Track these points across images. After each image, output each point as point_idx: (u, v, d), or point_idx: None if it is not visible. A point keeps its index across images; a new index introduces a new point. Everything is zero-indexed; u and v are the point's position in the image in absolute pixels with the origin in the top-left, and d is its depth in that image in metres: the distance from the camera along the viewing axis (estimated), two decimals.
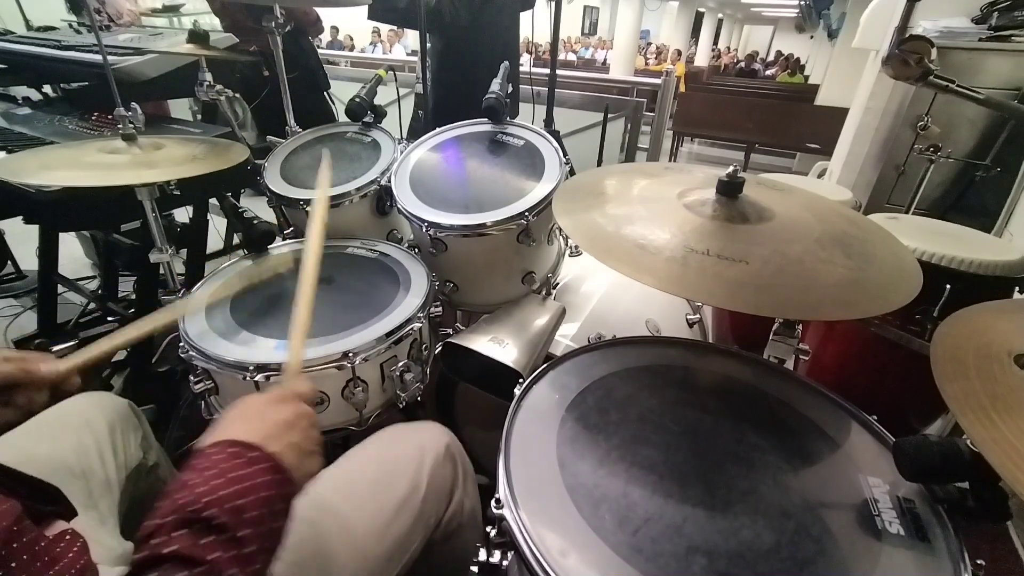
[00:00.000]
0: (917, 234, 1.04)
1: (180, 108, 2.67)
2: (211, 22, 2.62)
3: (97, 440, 0.73)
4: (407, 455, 0.75)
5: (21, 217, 1.30)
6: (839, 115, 3.26)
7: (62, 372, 0.60)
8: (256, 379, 0.80)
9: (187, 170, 1.01)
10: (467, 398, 1.09)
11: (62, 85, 1.93)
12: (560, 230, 1.19)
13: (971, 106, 1.41)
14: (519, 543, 0.50)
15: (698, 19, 15.73)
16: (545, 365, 0.75)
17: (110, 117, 1.38)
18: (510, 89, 1.31)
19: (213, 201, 1.71)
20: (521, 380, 0.71)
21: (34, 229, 1.59)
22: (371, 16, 2.02)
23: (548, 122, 1.98)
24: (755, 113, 5.46)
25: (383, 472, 0.73)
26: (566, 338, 1.07)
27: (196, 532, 0.38)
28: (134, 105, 1.25)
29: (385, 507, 0.69)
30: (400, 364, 0.91)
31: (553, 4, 1.81)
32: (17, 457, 0.64)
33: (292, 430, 0.50)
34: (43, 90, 1.93)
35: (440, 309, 1.02)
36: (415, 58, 2.81)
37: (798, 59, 11.33)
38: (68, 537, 0.51)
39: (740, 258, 0.64)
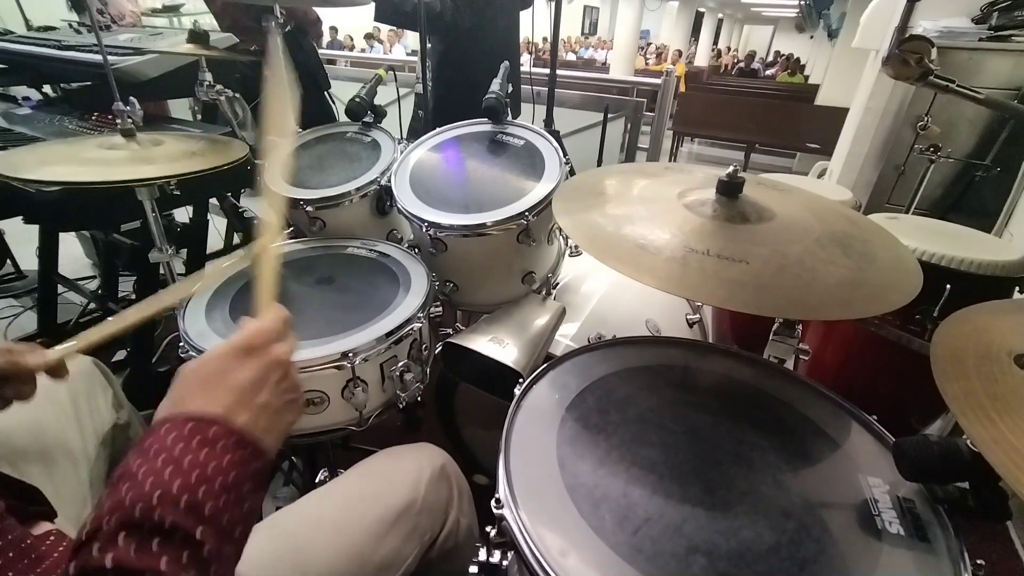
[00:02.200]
0: (917, 234, 1.04)
1: (180, 108, 2.67)
2: (211, 22, 2.62)
3: (57, 413, 0.70)
4: (404, 469, 0.76)
5: (21, 217, 1.30)
6: (839, 115, 3.26)
7: (50, 362, 0.58)
8: None
9: (186, 166, 1.01)
10: (467, 398, 1.09)
11: (62, 85, 1.93)
12: (560, 230, 1.19)
13: (971, 106, 1.41)
14: (519, 543, 0.50)
15: (698, 19, 15.74)
16: (545, 365, 0.75)
17: (110, 117, 1.39)
18: (510, 89, 1.31)
19: (213, 201, 1.71)
20: (521, 380, 0.71)
21: (34, 229, 1.59)
22: (378, 18, 2.02)
23: (548, 122, 1.98)
24: (755, 113, 5.46)
25: (380, 485, 0.73)
26: (566, 338, 1.07)
27: (143, 535, 0.33)
28: (132, 100, 1.25)
29: (382, 517, 0.69)
30: (400, 364, 0.91)
31: (553, 4, 1.81)
32: None
33: (261, 389, 0.44)
34: (43, 90, 1.93)
35: (440, 309, 1.02)
36: (415, 58, 2.81)
37: (798, 59, 11.33)
38: (53, 536, 0.51)
39: (740, 258, 0.64)
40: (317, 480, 0.92)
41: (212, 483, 0.36)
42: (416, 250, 1.16)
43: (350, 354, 0.83)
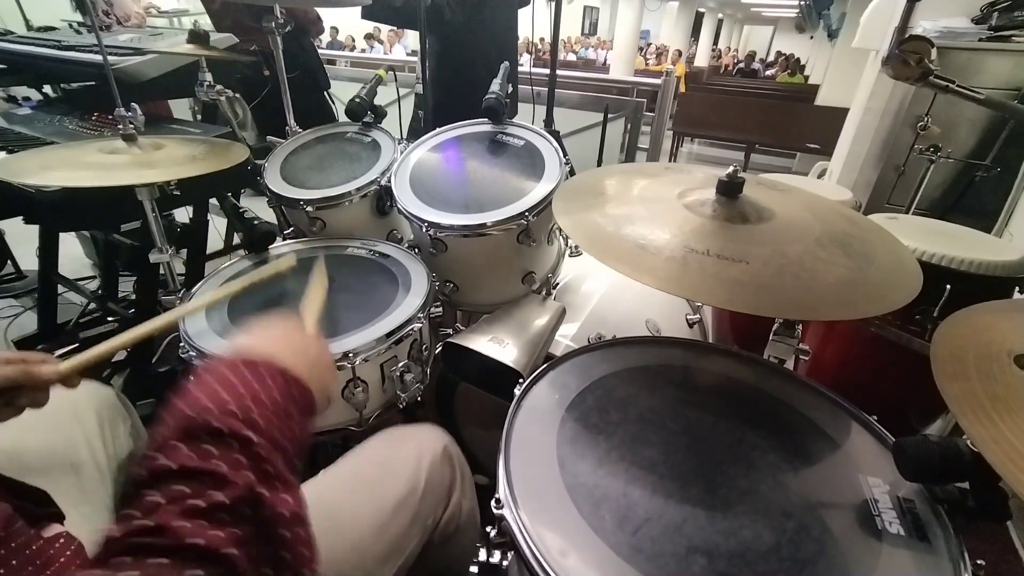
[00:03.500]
0: (917, 234, 1.04)
1: (180, 108, 2.67)
2: (211, 23, 2.62)
3: (86, 432, 0.73)
4: (405, 455, 0.75)
5: (21, 217, 1.30)
6: (839, 115, 3.26)
7: (63, 372, 0.60)
8: None
9: (187, 170, 1.01)
10: (467, 398, 1.09)
11: (62, 85, 1.93)
12: (560, 230, 1.19)
13: (971, 106, 1.41)
14: (519, 543, 0.50)
15: (698, 19, 15.74)
16: (545, 365, 0.75)
17: (110, 117, 1.38)
18: (510, 89, 1.31)
19: (213, 201, 1.71)
20: (521, 380, 0.71)
21: (34, 229, 1.59)
22: (366, 15, 2.02)
23: (548, 122, 1.98)
24: (755, 113, 5.46)
25: (381, 472, 0.73)
26: (566, 338, 1.07)
27: (203, 439, 0.37)
28: (134, 105, 1.25)
29: (383, 506, 0.69)
30: (400, 364, 0.91)
31: (553, 4, 1.81)
32: (4, 453, 0.64)
33: (306, 350, 0.50)
34: (43, 90, 1.93)
35: (440, 309, 1.02)
36: (415, 58, 2.81)
37: (798, 59, 11.34)
38: (62, 540, 0.51)
39: (740, 258, 0.64)
40: None
41: (260, 400, 0.40)
42: (416, 250, 1.16)
43: (350, 354, 0.83)
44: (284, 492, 0.38)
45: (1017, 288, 0.99)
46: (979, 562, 0.50)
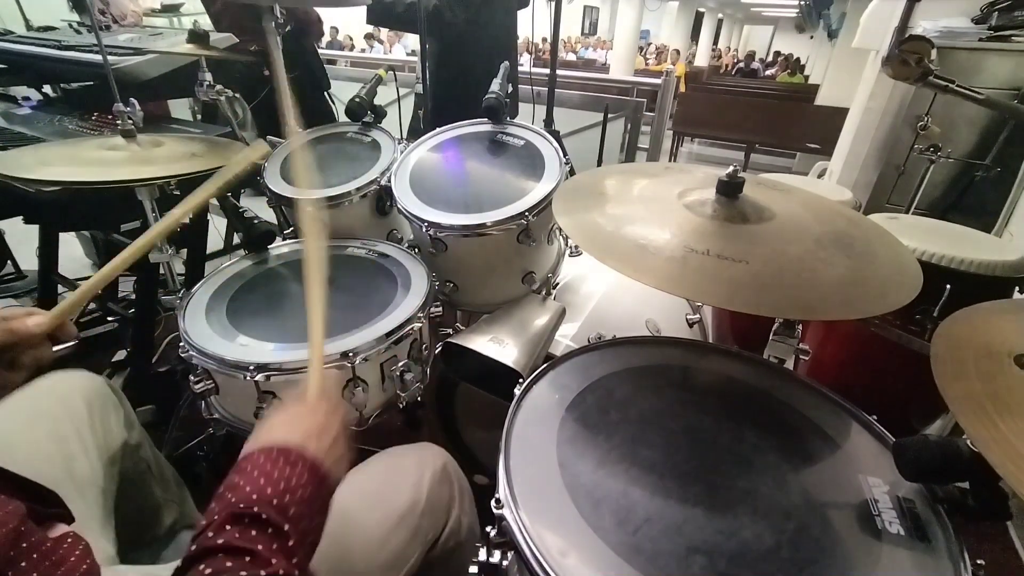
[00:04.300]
0: (917, 234, 1.04)
1: (180, 108, 2.67)
2: (211, 23, 2.62)
3: (77, 425, 0.72)
4: (407, 470, 0.76)
5: (21, 217, 1.30)
6: (839, 115, 3.26)
7: (53, 321, 0.58)
8: (256, 379, 0.80)
9: (186, 167, 1.01)
10: (467, 398, 1.09)
11: (62, 85, 1.93)
12: (560, 230, 1.19)
13: (971, 106, 1.41)
14: (519, 543, 0.50)
15: (698, 19, 15.74)
16: (545, 365, 0.75)
17: (110, 117, 1.38)
18: (510, 89, 1.31)
19: (213, 201, 1.71)
20: (521, 380, 0.71)
21: (34, 229, 1.59)
22: (370, 20, 2.02)
23: (548, 122, 1.98)
24: (755, 113, 5.46)
25: (384, 485, 0.74)
26: (566, 338, 1.07)
27: (243, 526, 0.41)
28: (132, 101, 1.25)
29: (386, 518, 0.69)
30: (400, 364, 0.91)
31: (553, 4, 1.81)
32: None
33: (326, 433, 0.52)
34: (43, 90, 1.93)
35: (440, 309, 1.02)
36: (415, 58, 2.81)
37: (798, 59, 11.33)
38: (71, 540, 0.51)
39: (740, 258, 0.64)
40: None
41: (295, 492, 0.45)
42: (416, 250, 1.16)
43: (350, 354, 0.83)
44: None
45: (1017, 288, 0.99)
46: (979, 562, 0.50)
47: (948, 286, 0.92)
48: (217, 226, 2.15)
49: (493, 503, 0.53)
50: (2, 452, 0.64)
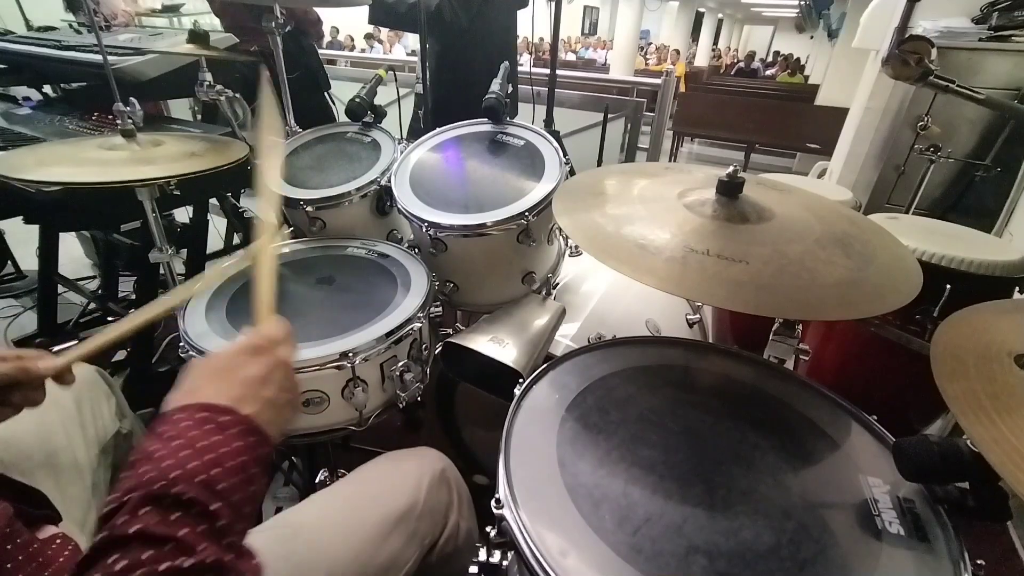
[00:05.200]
0: (917, 234, 1.04)
1: (180, 108, 2.67)
2: (211, 22, 2.61)
3: (63, 417, 0.71)
4: (406, 473, 0.76)
5: (21, 217, 1.30)
6: (839, 115, 3.26)
7: (59, 368, 0.58)
8: None
9: (186, 167, 1.01)
10: (467, 398, 1.09)
11: (62, 85, 1.93)
12: (560, 230, 1.19)
13: (971, 106, 1.41)
14: (519, 543, 0.50)
15: (698, 19, 15.74)
16: (545, 365, 0.75)
17: (110, 117, 1.39)
18: (510, 89, 1.31)
19: (213, 201, 1.71)
20: (521, 380, 0.71)
21: (34, 229, 1.59)
22: (372, 20, 2.02)
23: (548, 122, 1.98)
24: (755, 113, 5.47)
25: (382, 488, 0.74)
26: (566, 338, 1.07)
27: (163, 508, 0.36)
28: (132, 100, 1.25)
29: (385, 518, 0.69)
30: (400, 364, 0.91)
31: (553, 4, 1.81)
32: None
33: (266, 384, 0.47)
34: (43, 90, 1.93)
35: (440, 309, 1.02)
36: (415, 58, 2.81)
37: (798, 59, 11.32)
38: (59, 540, 0.51)
39: (740, 258, 0.64)
40: (317, 480, 0.92)
41: (223, 464, 0.39)
42: (416, 250, 1.16)
43: (350, 354, 0.83)
44: (249, 559, 0.39)
45: (1017, 288, 0.98)
46: (979, 562, 0.50)
47: (948, 286, 0.92)
48: (217, 226, 2.15)
49: (493, 503, 0.53)
50: None
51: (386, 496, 0.72)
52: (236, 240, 2.33)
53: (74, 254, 2.42)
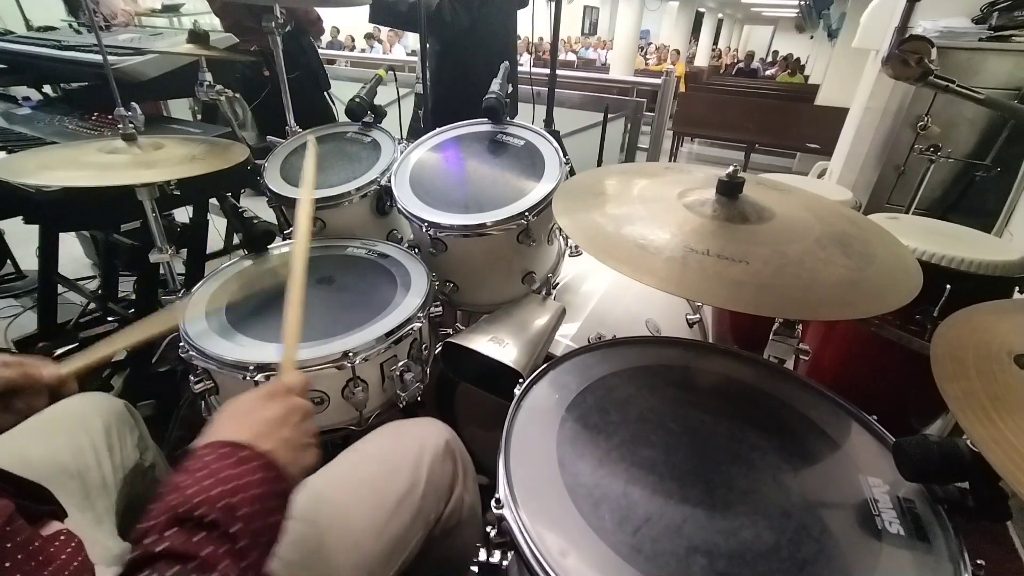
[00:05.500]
0: (917, 234, 1.04)
1: (180, 108, 2.67)
2: (211, 22, 2.62)
3: (93, 440, 0.73)
4: (406, 451, 0.75)
5: (21, 217, 1.30)
6: (839, 115, 3.26)
7: (62, 376, 0.60)
8: (256, 379, 0.80)
9: (187, 170, 1.01)
10: (467, 398, 1.09)
11: (62, 85, 1.93)
12: (560, 230, 1.19)
13: (971, 106, 1.41)
14: (519, 543, 0.50)
15: (698, 19, 15.73)
16: (545, 365, 0.75)
17: (110, 117, 1.38)
18: (510, 89, 1.31)
19: (213, 201, 1.71)
20: (521, 380, 0.71)
21: (34, 229, 1.58)
22: (372, 19, 2.03)
23: (548, 122, 1.98)
24: (755, 113, 5.47)
25: (382, 468, 0.73)
26: (566, 338, 1.07)
27: (188, 530, 0.39)
28: (134, 105, 1.26)
29: (384, 504, 0.69)
30: (400, 364, 0.91)
31: (553, 4, 1.81)
32: (11, 458, 0.64)
33: (284, 426, 0.50)
34: (43, 90, 1.93)
35: (440, 309, 1.02)
36: (415, 58, 2.81)
37: (798, 59, 11.32)
38: (63, 537, 0.51)
39: (740, 258, 0.64)
40: None
41: (245, 492, 0.42)
42: (416, 250, 1.16)
43: (350, 354, 0.83)
44: None
45: (1017, 288, 0.98)
46: (979, 562, 0.50)
47: (948, 286, 0.92)
48: (217, 226, 2.15)
49: (493, 503, 0.53)
50: (17, 462, 0.64)
51: (386, 478, 0.71)
52: (236, 240, 2.33)
53: (74, 254, 2.42)
